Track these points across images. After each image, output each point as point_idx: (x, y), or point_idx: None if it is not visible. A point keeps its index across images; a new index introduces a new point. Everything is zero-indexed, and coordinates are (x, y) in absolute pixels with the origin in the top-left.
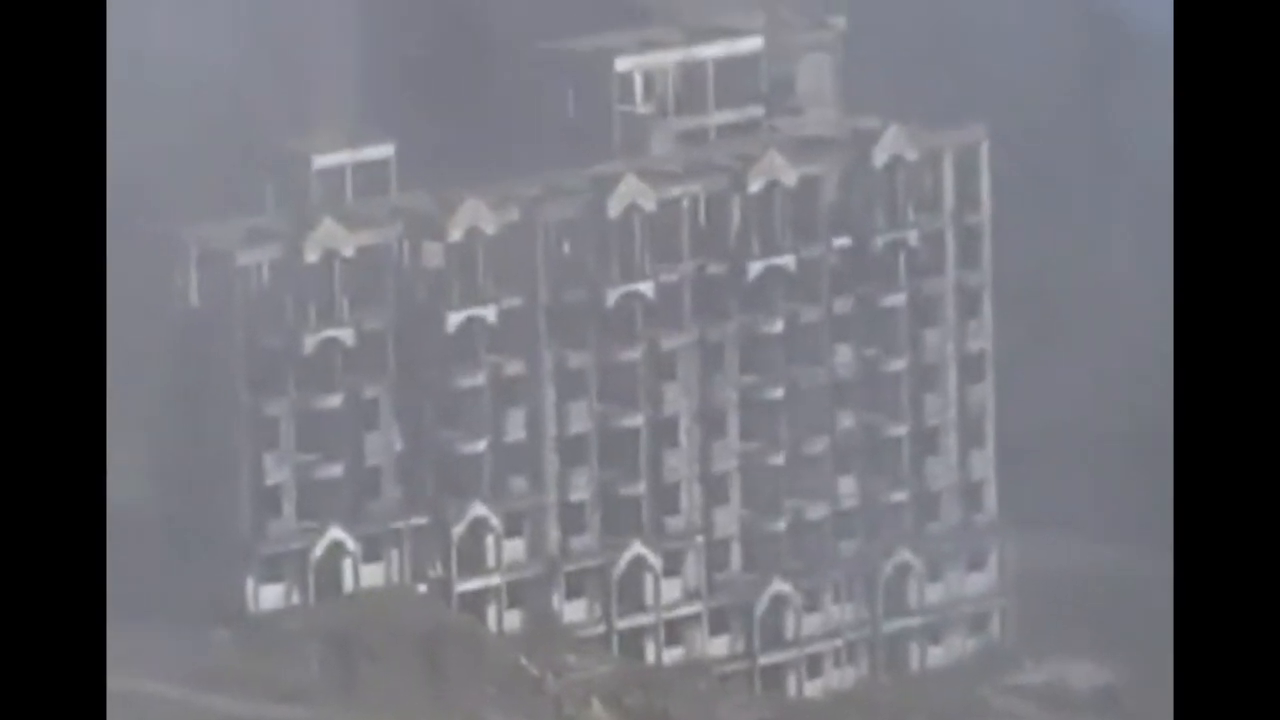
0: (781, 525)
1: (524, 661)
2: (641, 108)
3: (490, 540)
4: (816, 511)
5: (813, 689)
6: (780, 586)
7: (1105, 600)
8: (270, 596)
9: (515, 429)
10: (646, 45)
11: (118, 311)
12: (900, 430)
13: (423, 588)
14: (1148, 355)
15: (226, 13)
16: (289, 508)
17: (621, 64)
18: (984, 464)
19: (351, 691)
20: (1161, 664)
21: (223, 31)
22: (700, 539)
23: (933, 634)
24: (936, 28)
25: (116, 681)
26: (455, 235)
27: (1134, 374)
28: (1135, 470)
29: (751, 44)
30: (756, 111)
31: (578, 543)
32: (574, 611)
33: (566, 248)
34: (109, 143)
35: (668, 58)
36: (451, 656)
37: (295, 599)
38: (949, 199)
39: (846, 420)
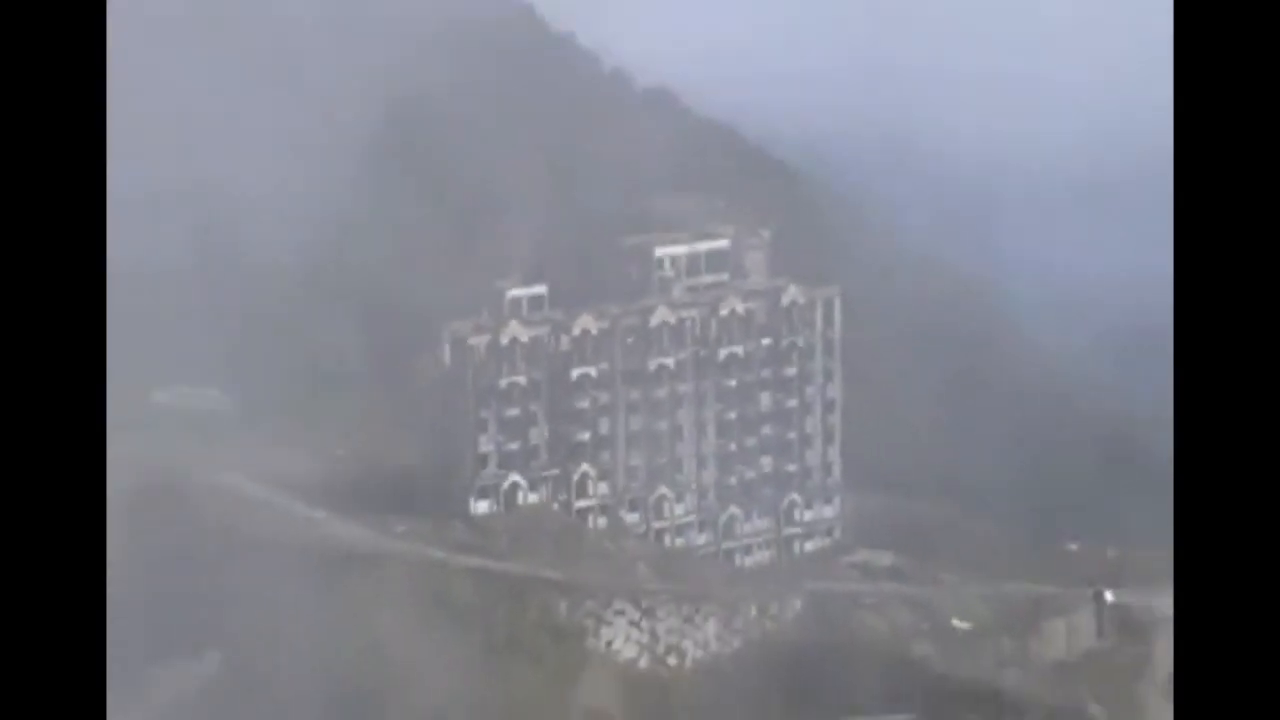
0: (733, 480)
1: (606, 544)
2: (669, 273)
3: (590, 482)
4: (751, 473)
5: (748, 561)
6: (734, 510)
7: (896, 520)
8: (482, 507)
9: (603, 429)
10: (672, 241)
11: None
12: (793, 435)
13: (556, 506)
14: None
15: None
16: (492, 464)
17: (659, 251)
18: (834, 454)
19: (517, 555)
20: (926, 557)
21: (422, 205)
22: (694, 485)
23: (806, 535)
24: (816, 234)
25: (408, 547)
26: (576, 332)
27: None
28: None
29: (723, 243)
30: (724, 276)
31: (633, 485)
32: (631, 519)
33: (630, 340)
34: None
35: (682, 249)
36: (568, 541)
37: (495, 509)
38: (819, 322)
39: (766, 429)
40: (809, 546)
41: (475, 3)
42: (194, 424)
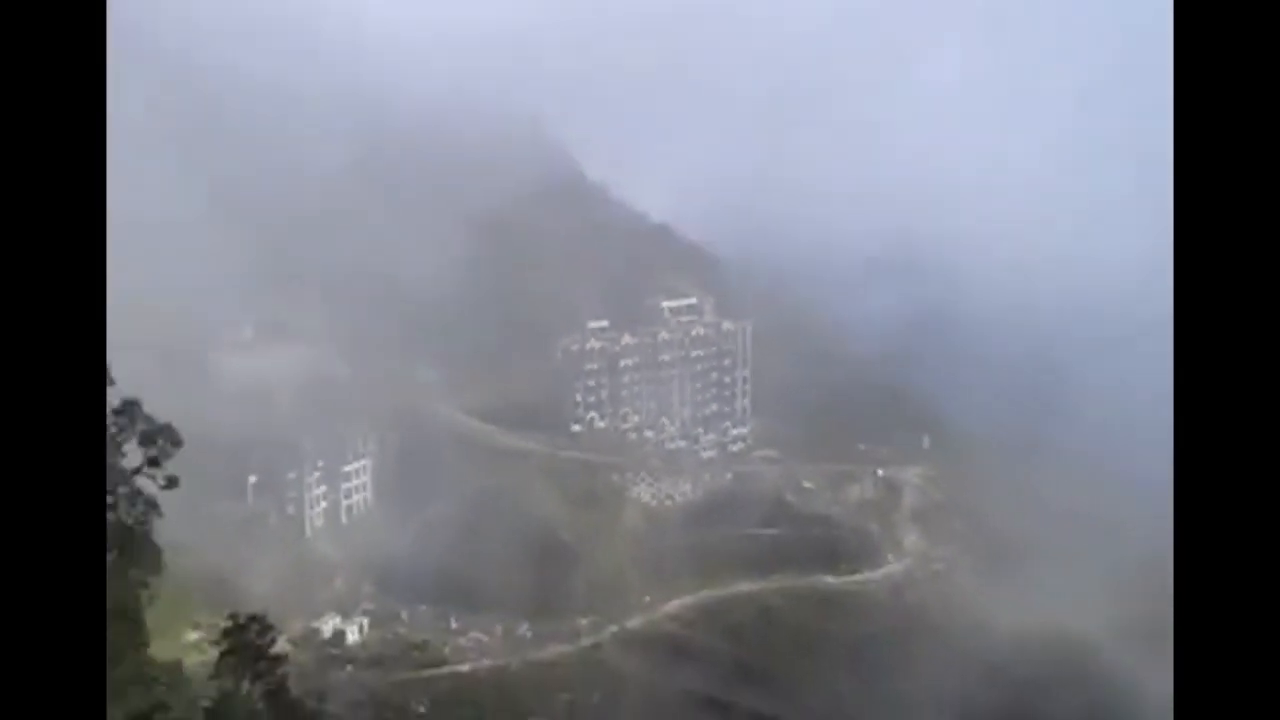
0: (697, 415)
1: (636, 447)
2: (667, 315)
3: (628, 415)
4: (706, 411)
5: (704, 455)
6: (698, 430)
7: (777, 435)
8: (576, 428)
9: (635, 389)
10: (668, 299)
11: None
12: (728, 394)
13: (612, 428)
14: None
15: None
16: (581, 407)
17: (663, 304)
18: (746, 403)
19: (593, 451)
20: (790, 453)
21: (500, 265)
22: (679, 417)
23: (732, 443)
24: (739, 296)
25: (538, 447)
26: (622, 343)
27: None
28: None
29: (693, 300)
30: (694, 317)
31: (649, 417)
32: (648, 434)
33: (649, 348)
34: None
35: (673, 303)
36: (617, 445)
37: (583, 429)
38: (739, 338)
39: (714, 390)
40: (734, 449)
41: (557, 171)
42: (423, 384)
